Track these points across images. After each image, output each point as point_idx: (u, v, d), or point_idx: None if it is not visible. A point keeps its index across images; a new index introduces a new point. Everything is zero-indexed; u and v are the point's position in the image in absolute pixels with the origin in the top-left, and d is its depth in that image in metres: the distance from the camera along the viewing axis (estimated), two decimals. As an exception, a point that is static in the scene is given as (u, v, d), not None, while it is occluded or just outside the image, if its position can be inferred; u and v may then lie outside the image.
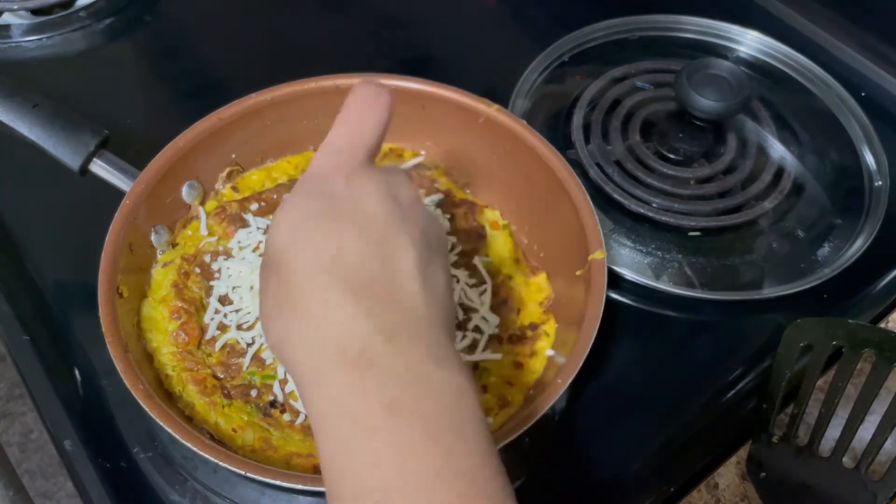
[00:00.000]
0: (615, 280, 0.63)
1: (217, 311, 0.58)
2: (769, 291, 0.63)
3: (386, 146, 0.68)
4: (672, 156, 0.71)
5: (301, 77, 0.65)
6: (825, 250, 0.66)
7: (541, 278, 0.61)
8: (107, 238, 0.55)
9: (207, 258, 0.60)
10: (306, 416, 0.53)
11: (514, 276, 0.61)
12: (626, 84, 0.77)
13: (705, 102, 0.67)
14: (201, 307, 0.58)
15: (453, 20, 0.88)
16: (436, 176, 0.66)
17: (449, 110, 0.64)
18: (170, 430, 0.47)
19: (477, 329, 0.57)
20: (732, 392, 0.59)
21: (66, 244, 0.66)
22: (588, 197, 0.58)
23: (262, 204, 0.63)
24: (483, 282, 0.60)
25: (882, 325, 0.63)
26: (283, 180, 0.66)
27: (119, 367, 0.49)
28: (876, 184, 0.70)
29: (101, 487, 0.53)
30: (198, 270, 0.59)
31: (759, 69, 0.81)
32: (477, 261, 0.61)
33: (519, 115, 0.71)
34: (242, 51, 0.84)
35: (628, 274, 0.63)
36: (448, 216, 0.63)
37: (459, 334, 0.57)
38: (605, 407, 0.58)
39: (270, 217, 0.62)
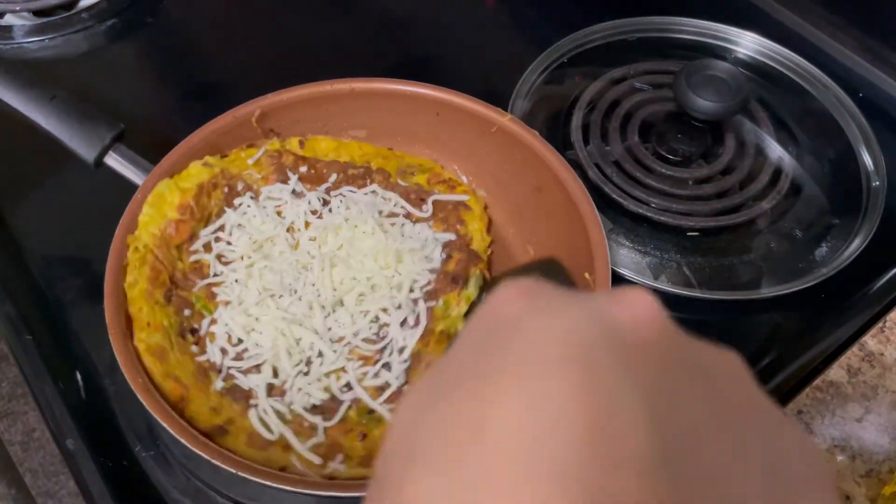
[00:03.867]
0: (614, 280, 0.63)
1: (213, 233, 0.59)
2: (767, 291, 0.63)
3: (416, 161, 0.67)
4: (670, 156, 0.72)
5: (302, 78, 0.66)
6: (823, 250, 0.66)
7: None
8: (116, 231, 0.55)
9: (240, 186, 0.62)
10: (207, 359, 0.54)
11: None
12: (625, 85, 0.78)
13: (703, 103, 0.67)
14: (204, 219, 0.60)
15: (453, 22, 0.88)
16: (466, 217, 0.64)
17: (462, 118, 0.65)
18: (167, 427, 0.47)
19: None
20: (730, 391, 0.59)
21: (68, 244, 0.67)
22: (599, 217, 0.57)
23: (312, 171, 0.64)
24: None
25: (880, 325, 0.63)
26: (344, 159, 0.66)
27: (120, 359, 0.50)
28: (873, 184, 0.70)
29: (102, 486, 0.54)
30: (226, 189, 0.61)
31: (757, 70, 0.81)
32: (424, 305, 0.57)
33: (518, 116, 0.72)
34: (244, 52, 0.84)
35: (627, 274, 0.63)
36: (444, 256, 0.61)
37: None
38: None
39: (308, 186, 0.63)
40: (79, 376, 0.58)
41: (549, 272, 0.51)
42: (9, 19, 0.83)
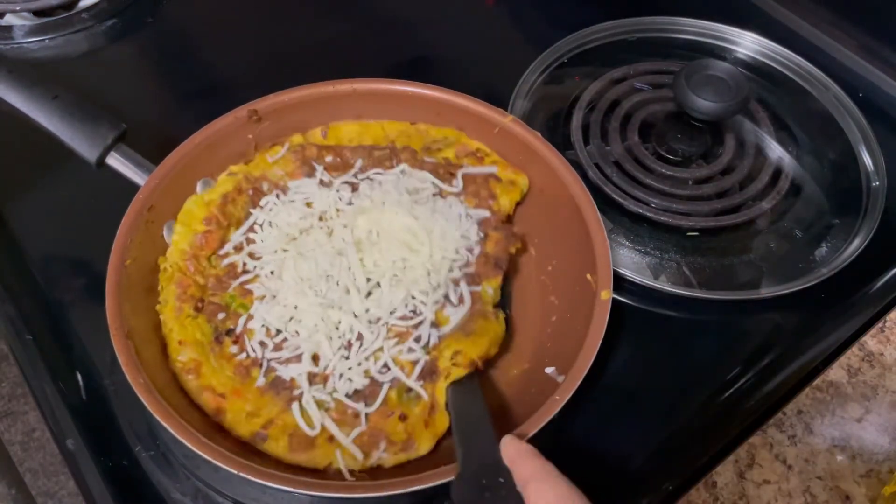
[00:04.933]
0: (614, 280, 0.63)
1: (244, 234, 0.60)
2: (767, 291, 0.63)
3: (441, 133, 0.66)
4: (670, 156, 0.72)
5: (302, 77, 0.66)
6: (823, 250, 0.66)
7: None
8: (118, 231, 0.55)
9: (265, 186, 0.62)
10: (247, 356, 0.55)
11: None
12: (625, 85, 0.78)
13: (703, 103, 0.67)
14: (232, 225, 0.60)
15: (453, 22, 0.88)
16: (497, 189, 0.63)
17: (463, 118, 0.65)
18: (167, 426, 0.47)
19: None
20: (731, 391, 0.59)
21: (69, 244, 0.67)
22: (600, 218, 0.57)
23: (337, 159, 0.64)
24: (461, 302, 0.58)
25: (880, 325, 0.63)
26: (368, 142, 0.66)
27: (121, 359, 0.50)
28: (873, 184, 0.70)
29: (102, 486, 0.54)
30: (250, 192, 0.62)
31: (757, 70, 0.81)
32: (467, 287, 0.58)
33: (518, 116, 0.72)
34: (243, 52, 0.84)
35: (627, 274, 0.63)
36: (482, 234, 0.61)
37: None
38: (604, 406, 0.58)
39: (335, 174, 0.63)
40: (79, 376, 0.58)
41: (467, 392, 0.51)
42: (9, 19, 0.83)
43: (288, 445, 0.51)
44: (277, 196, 0.62)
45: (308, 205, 0.62)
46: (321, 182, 0.63)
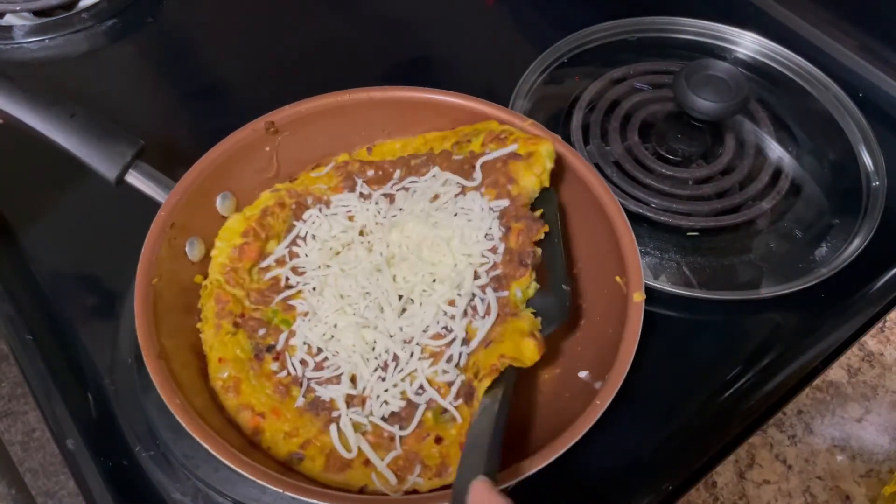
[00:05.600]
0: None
1: (287, 247, 0.60)
2: (767, 291, 0.63)
3: (472, 127, 0.64)
4: (670, 156, 0.72)
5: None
6: (823, 250, 0.66)
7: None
8: (143, 249, 0.54)
9: (309, 200, 0.62)
10: (287, 374, 0.54)
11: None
12: (625, 85, 0.78)
13: (703, 103, 0.67)
14: (271, 237, 0.60)
15: (453, 22, 0.89)
16: (515, 170, 0.60)
17: (478, 122, 0.64)
18: (207, 446, 0.46)
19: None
20: (730, 391, 0.59)
21: (68, 244, 0.67)
22: (627, 221, 0.56)
23: (379, 173, 0.64)
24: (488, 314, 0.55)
25: (880, 325, 0.63)
26: (408, 152, 0.65)
27: (155, 380, 0.49)
28: (873, 184, 0.70)
29: (102, 486, 0.54)
30: (294, 206, 0.61)
31: (757, 70, 0.81)
32: (493, 294, 0.56)
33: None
34: (244, 53, 0.84)
35: (627, 274, 0.63)
36: (504, 229, 0.58)
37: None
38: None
39: (376, 188, 0.63)
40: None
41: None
42: (9, 19, 0.83)
43: (324, 465, 0.50)
44: (320, 209, 0.61)
45: (350, 218, 0.61)
46: (361, 195, 0.62)
